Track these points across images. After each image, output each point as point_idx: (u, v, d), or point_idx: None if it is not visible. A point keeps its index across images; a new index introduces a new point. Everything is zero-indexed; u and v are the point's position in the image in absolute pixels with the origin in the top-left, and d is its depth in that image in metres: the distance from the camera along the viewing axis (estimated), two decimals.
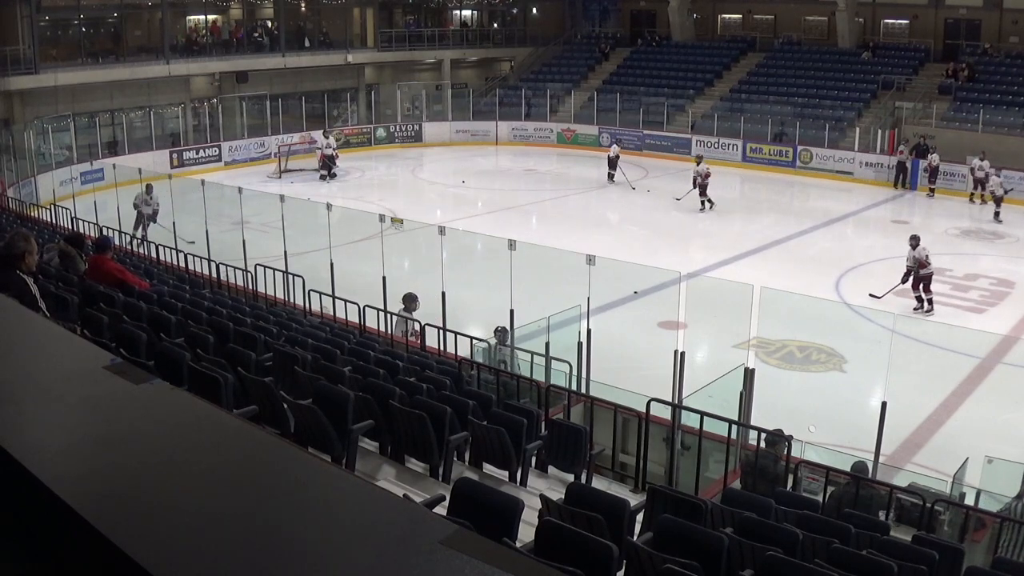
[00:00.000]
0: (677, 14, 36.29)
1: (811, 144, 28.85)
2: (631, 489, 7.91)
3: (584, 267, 10.18)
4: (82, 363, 2.55)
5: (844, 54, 32.82)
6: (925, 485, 7.58)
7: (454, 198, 26.85)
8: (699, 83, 34.10)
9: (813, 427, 9.06)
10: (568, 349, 10.28)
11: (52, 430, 2.06)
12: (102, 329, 6.55)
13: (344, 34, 36.09)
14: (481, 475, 6.47)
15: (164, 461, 1.89)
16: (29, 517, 1.75)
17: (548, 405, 8.51)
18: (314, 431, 5.77)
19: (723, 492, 6.43)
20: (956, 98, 28.71)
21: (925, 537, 5.78)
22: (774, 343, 13.40)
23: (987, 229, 22.12)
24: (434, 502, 4.60)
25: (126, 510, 1.67)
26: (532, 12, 42.15)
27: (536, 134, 34.47)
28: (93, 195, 20.23)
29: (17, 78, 26.21)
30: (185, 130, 30.41)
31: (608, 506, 4.78)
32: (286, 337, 8.34)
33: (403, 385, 6.95)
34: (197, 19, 33.21)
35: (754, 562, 4.43)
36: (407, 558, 1.55)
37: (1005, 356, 12.63)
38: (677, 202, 23.45)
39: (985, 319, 14.81)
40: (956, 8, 31.80)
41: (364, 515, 1.73)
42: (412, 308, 11.30)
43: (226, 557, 1.54)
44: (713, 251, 19.01)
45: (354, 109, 35.34)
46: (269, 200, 16.01)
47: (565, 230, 20.59)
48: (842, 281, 17.06)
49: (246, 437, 2.18)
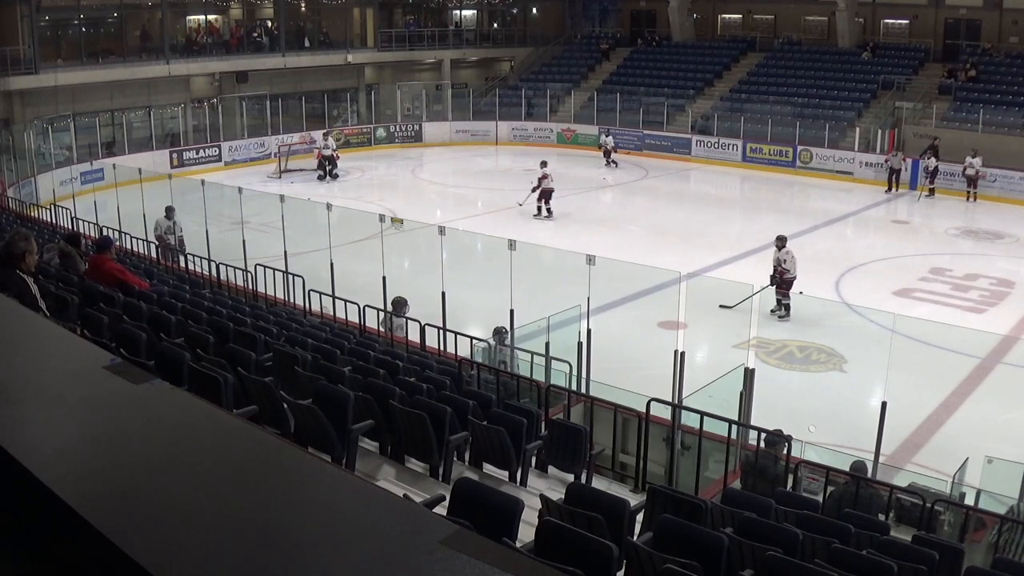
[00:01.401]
0: (677, 14, 36.29)
1: (811, 144, 28.86)
2: (631, 489, 7.91)
3: (584, 267, 10.18)
4: (82, 363, 2.54)
5: (844, 54, 32.82)
6: (925, 485, 7.58)
7: (454, 198, 26.86)
8: (699, 83, 34.10)
9: (813, 427, 9.06)
10: (568, 349, 10.28)
11: (52, 430, 2.06)
12: (102, 329, 6.55)
13: (344, 34, 36.10)
14: (481, 475, 6.47)
15: (164, 461, 1.89)
16: (29, 517, 1.75)
17: (548, 405, 8.51)
18: (314, 431, 5.77)
19: (723, 492, 6.43)
20: (956, 98, 28.72)
21: (925, 537, 5.78)
22: (774, 343, 13.40)
23: (987, 229, 22.12)
24: (434, 502, 4.60)
25: (126, 510, 1.67)
26: (532, 12, 42.14)
27: (536, 134, 34.47)
28: (93, 195, 20.23)
29: (17, 78, 26.22)
30: (185, 130, 30.40)
31: (608, 506, 4.78)
32: (286, 337, 8.33)
33: (403, 385, 6.95)
34: (197, 19, 33.22)
35: (754, 562, 4.43)
36: (407, 558, 1.55)
37: (1005, 356, 12.63)
38: (519, 206, 22.69)
39: (985, 319, 14.80)
40: (956, 8, 31.81)
41: (364, 515, 1.73)
42: (400, 313, 11.21)
43: (226, 557, 1.54)
44: (713, 251, 19.00)
45: (354, 109, 35.35)
46: (269, 200, 16.01)
47: (565, 230, 20.59)
48: (842, 281, 17.06)
49: (246, 437, 2.17)
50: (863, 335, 13.51)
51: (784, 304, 14.60)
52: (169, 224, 15.98)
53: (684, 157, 31.06)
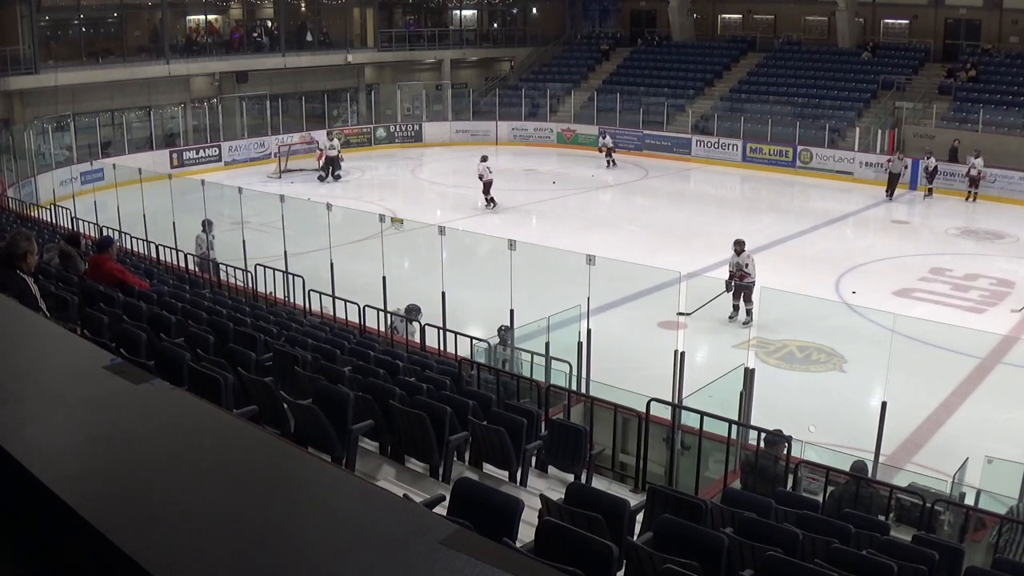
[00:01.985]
0: (677, 14, 36.30)
1: (811, 144, 28.86)
2: (631, 489, 7.91)
3: (584, 267, 10.18)
4: (82, 363, 2.55)
5: (844, 54, 32.83)
6: (925, 485, 7.58)
7: (454, 198, 26.86)
8: (699, 83, 34.10)
9: (813, 427, 9.05)
10: (568, 349, 10.28)
11: (52, 430, 2.06)
12: (102, 329, 6.54)
13: (344, 34, 36.09)
14: (481, 475, 6.47)
15: (164, 461, 1.89)
16: (29, 517, 1.75)
17: (548, 405, 8.51)
18: (314, 431, 5.77)
19: (723, 492, 6.43)
20: (956, 98, 28.72)
21: (925, 537, 5.78)
22: (774, 343, 13.40)
23: (987, 229, 22.13)
24: (434, 502, 4.60)
25: (126, 510, 1.67)
26: (532, 12, 42.15)
27: (536, 134, 34.47)
28: (93, 195, 20.23)
29: (17, 78, 26.22)
30: (185, 130, 30.41)
31: (608, 506, 4.78)
32: (286, 337, 8.33)
33: (403, 385, 6.94)
34: (197, 19, 33.23)
35: (754, 562, 4.43)
36: (407, 558, 1.55)
37: (1005, 356, 12.63)
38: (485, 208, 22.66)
39: (985, 319, 14.80)
40: (956, 8, 31.81)
41: (364, 515, 1.73)
42: (412, 319, 11.33)
43: (226, 557, 1.54)
44: (713, 251, 18.99)
45: (354, 109, 35.35)
46: (269, 200, 16.01)
47: (565, 230, 20.59)
48: (842, 281, 17.06)
49: (246, 437, 2.18)
50: (863, 335, 13.51)
51: (748, 310, 14.21)
52: (210, 239, 15.38)
53: (684, 157, 31.06)
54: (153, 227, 16.04)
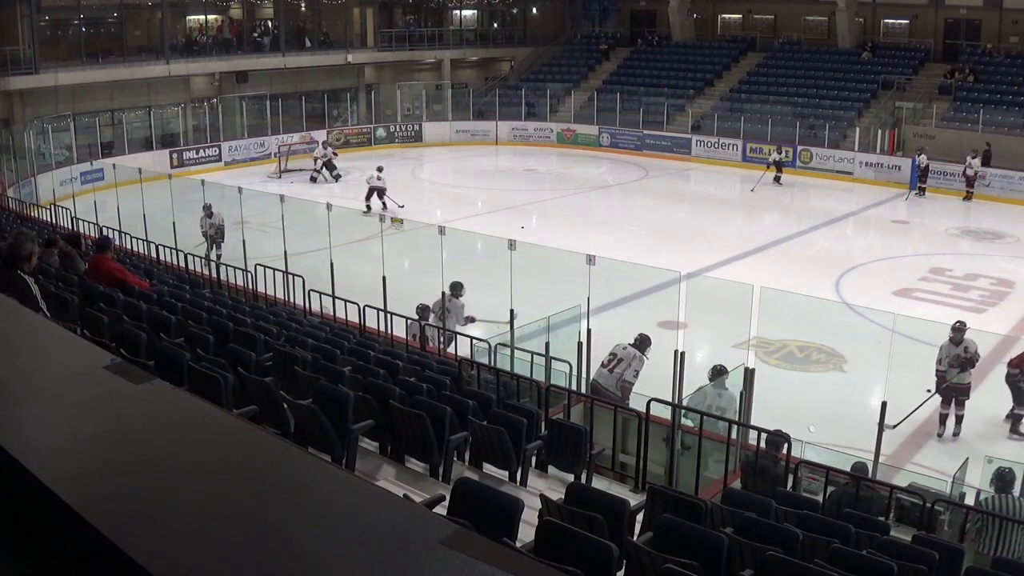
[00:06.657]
0: (677, 14, 36.29)
1: (811, 144, 28.86)
2: (631, 489, 7.91)
3: (584, 267, 10.17)
4: (82, 363, 2.55)
5: (844, 54, 32.82)
6: (925, 485, 7.58)
7: (454, 198, 26.85)
8: (699, 83, 34.10)
9: (813, 427, 9.05)
10: (568, 349, 10.27)
11: (52, 430, 2.06)
12: (102, 329, 6.54)
13: (344, 34, 36.09)
14: (481, 475, 6.46)
15: (164, 461, 1.89)
16: (29, 517, 1.75)
17: (548, 405, 8.50)
18: (314, 431, 5.76)
19: (723, 492, 6.42)
20: (956, 98, 28.71)
21: (925, 537, 5.78)
22: (774, 343, 13.39)
23: (987, 229, 22.12)
24: (434, 502, 4.60)
25: (126, 510, 1.67)
26: (532, 12, 42.14)
27: (536, 134, 34.47)
28: (93, 195, 20.22)
29: (17, 78, 26.22)
30: (185, 130, 30.41)
31: (608, 506, 4.78)
32: (286, 337, 8.33)
33: (403, 385, 6.94)
34: (197, 19, 33.22)
35: (754, 562, 4.43)
36: (407, 558, 1.55)
37: (1005, 356, 12.60)
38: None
39: (985, 319, 14.79)
40: (956, 8, 31.81)
41: (364, 515, 1.73)
42: (426, 317, 11.42)
43: (226, 557, 1.54)
44: (713, 251, 19.00)
45: (354, 109, 35.34)
46: (269, 200, 16.00)
47: (565, 230, 20.58)
48: (842, 281, 17.06)
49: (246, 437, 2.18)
50: (863, 335, 13.50)
51: (959, 417, 10.91)
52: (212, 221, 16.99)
53: (684, 157, 31.05)
54: (153, 227, 16.03)
